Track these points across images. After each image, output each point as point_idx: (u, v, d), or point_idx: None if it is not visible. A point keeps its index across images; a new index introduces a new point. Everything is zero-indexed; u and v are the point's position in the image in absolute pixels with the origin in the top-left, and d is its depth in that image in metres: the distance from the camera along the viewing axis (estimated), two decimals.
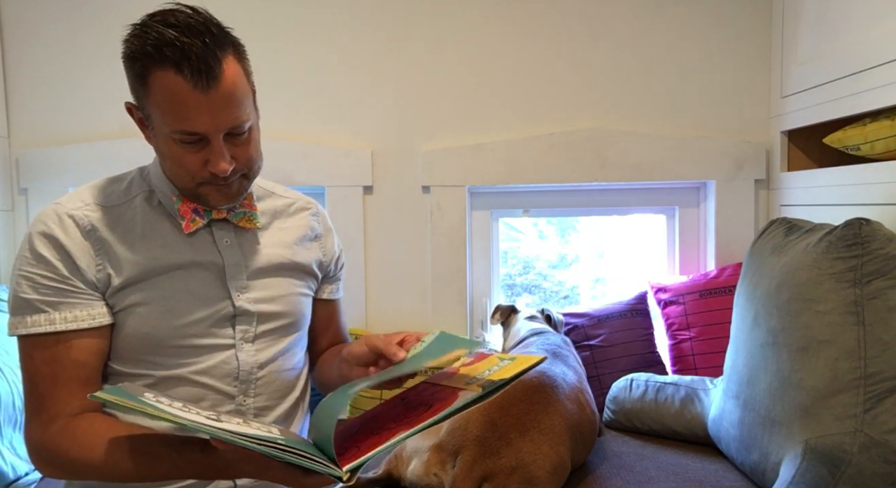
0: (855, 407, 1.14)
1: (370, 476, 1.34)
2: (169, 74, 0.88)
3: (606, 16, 1.95)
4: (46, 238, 0.95)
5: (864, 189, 1.50)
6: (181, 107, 0.90)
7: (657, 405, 1.63)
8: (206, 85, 0.89)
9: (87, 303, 0.96)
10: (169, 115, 0.91)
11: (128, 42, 0.92)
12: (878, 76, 1.45)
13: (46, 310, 0.94)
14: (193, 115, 0.91)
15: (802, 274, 1.26)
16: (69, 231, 0.96)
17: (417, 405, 0.90)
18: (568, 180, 1.96)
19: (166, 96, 0.90)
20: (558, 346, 1.57)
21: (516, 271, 2.44)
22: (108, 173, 1.10)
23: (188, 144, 0.94)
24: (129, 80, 0.95)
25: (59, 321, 0.93)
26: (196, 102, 0.90)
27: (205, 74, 0.89)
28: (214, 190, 1.00)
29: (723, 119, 1.97)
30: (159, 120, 0.93)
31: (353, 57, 1.96)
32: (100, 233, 0.98)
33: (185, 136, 0.93)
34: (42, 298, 0.94)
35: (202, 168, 0.96)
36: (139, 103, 0.96)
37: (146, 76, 0.90)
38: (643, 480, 1.37)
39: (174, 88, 0.89)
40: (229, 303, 1.04)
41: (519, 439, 1.21)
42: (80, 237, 0.96)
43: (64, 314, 0.94)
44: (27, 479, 1.44)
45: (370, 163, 1.95)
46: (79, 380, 0.95)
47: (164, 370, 1.00)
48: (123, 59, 0.93)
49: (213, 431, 0.75)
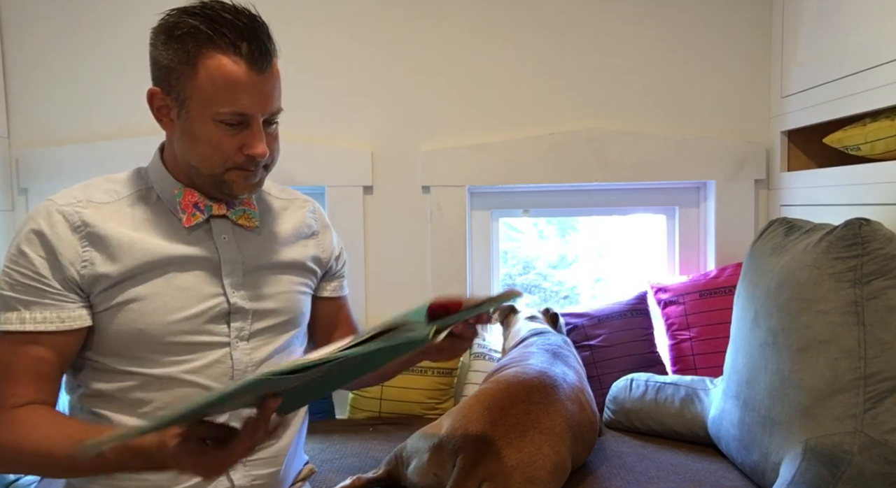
0: (855, 407, 1.14)
1: (370, 476, 1.34)
2: (226, 54, 0.93)
3: (606, 16, 1.95)
4: (33, 234, 0.95)
5: (864, 189, 1.50)
6: (235, 87, 0.94)
7: (657, 405, 1.63)
8: (261, 67, 0.95)
9: (60, 304, 0.95)
10: (221, 94, 0.94)
11: (173, 24, 0.94)
12: (878, 76, 1.45)
13: (19, 308, 0.94)
14: (246, 95, 0.95)
15: (802, 274, 1.26)
16: (56, 227, 0.96)
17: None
18: (568, 180, 1.96)
19: (221, 76, 0.93)
20: (559, 346, 1.57)
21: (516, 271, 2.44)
22: (108, 173, 1.10)
23: (230, 126, 0.96)
24: (165, 62, 0.95)
25: (29, 321, 0.94)
26: (251, 83, 0.94)
27: (262, 56, 0.94)
28: (242, 176, 1.01)
29: (723, 119, 1.97)
30: (203, 101, 0.94)
31: (353, 57, 1.96)
32: (91, 229, 0.97)
33: (232, 117, 0.95)
34: (16, 296, 0.94)
35: (237, 152, 0.98)
36: (174, 86, 0.96)
37: (197, 56, 0.93)
38: (643, 480, 1.37)
39: (230, 68, 0.93)
40: (224, 300, 1.04)
41: (519, 439, 1.21)
42: (67, 233, 0.96)
43: (34, 314, 0.94)
44: (27, 479, 1.44)
45: (370, 163, 1.95)
46: (34, 375, 0.94)
47: (156, 368, 0.99)
48: (163, 41, 0.95)
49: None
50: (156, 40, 0.97)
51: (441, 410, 1.84)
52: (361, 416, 1.86)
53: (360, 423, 1.81)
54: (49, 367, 0.96)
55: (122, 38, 1.91)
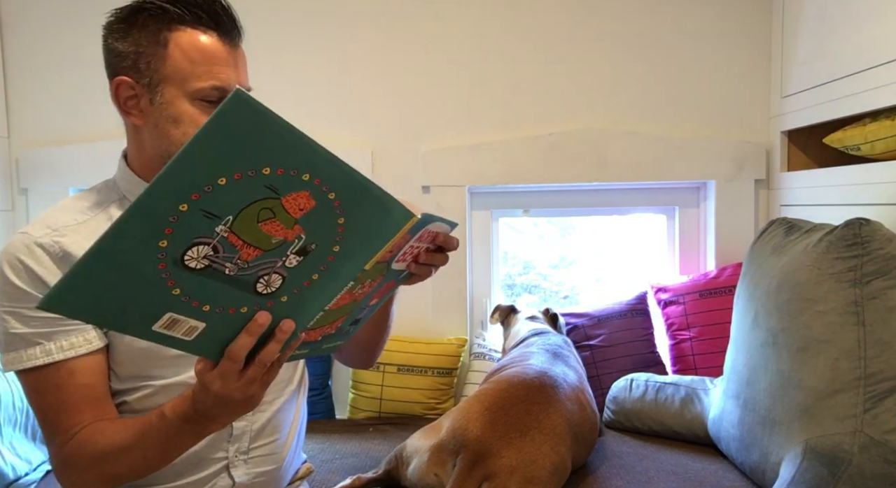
0: (855, 407, 1.14)
1: (370, 476, 1.34)
2: (198, 30, 0.92)
3: (607, 16, 1.95)
4: (21, 270, 0.92)
5: (864, 189, 1.50)
6: (211, 60, 0.93)
7: (657, 405, 1.63)
8: (234, 40, 0.95)
9: (81, 328, 0.93)
10: (199, 68, 0.92)
11: (132, 10, 0.93)
12: (878, 76, 1.45)
13: (41, 342, 0.91)
14: (222, 68, 0.94)
15: (802, 274, 1.26)
16: (42, 261, 0.92)
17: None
18: (567, 180, 1.96)
19: (197, 50, 0.92)
20: (559, 346, 1.57)
21: (516, 271, 2.44)
22: (108, 173, 1.09)
23: (209, 104, 0.94)
24: (130, 48, 0.93)
25: (56, 351, 0.91)
26: (226, 56, 0.94)
27: (233, 29, 0.95)
28: None
29: (723, 119, 1.97)
30: (179, 80, 0.92)
31: (352, 57, 1.96)
32: (73, 257, 0.93)
33: (211, 92, 0.93)
34: (34, 331, 0.91)
35: None
36: (144, 71, 0.94)
37: (167, 34, 0.92)
38: (643, 480, 1.37)
39: (205, 43, 0.92)
40: None
41: (519, 439, 1.21)
42: (53, 266, 0.93)
43: (60, 343, 0.91)
44: (27, 479, 1.44)
45: (370, 163, 1.95)
46: (87, 401, 0.93)
47: (164, 379, 0.99)
48: (123, 29, 0.93)
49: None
50: (114, 31, 0.94)
51: (441, 410, 1.84)
52: (361, 416, 1.86)
53: (360, 423, 1.81)
54: (95, 391, 0.94)
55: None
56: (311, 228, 0.70)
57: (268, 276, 0.70)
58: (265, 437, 1.07)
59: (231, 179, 0.62)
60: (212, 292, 0.68)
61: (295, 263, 0.71)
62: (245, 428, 1.04)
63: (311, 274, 0.73)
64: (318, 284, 0.74)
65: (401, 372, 1.83)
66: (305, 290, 0.74)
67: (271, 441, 1.08)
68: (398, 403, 1.83)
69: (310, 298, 0.75)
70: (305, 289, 0.74)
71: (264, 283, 0.71)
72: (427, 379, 1.83)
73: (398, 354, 1.85)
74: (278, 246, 0.69)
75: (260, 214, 0.66)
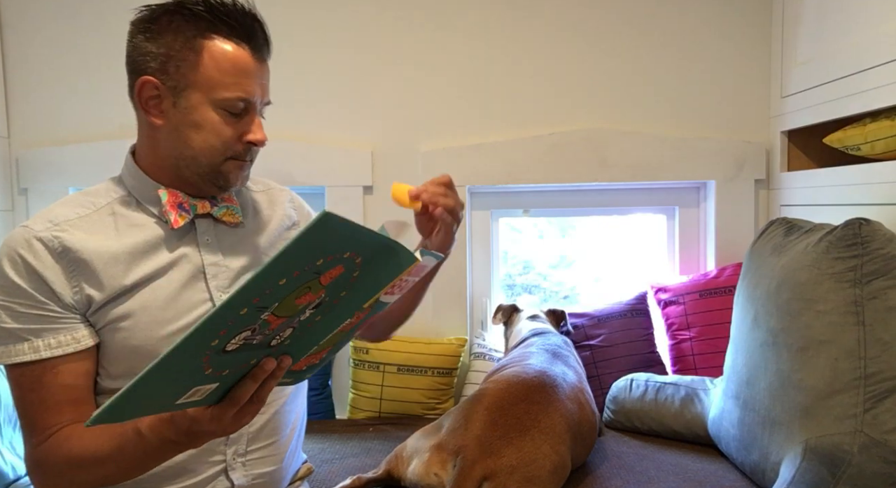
0: (855, 407, 1.14)
1: (370, 475, 1.34)
2: (230, 41, 0.95)
3: (607, 16, 1.95)
4: (19, 264, 0.92)
5: (864, 189, 1.51)
6: (241, 72, 0.95)
7: (657, 405, 1.63)
8: (263, 55, 0.99)
9: (70, 326, 0.93)
10: (227, 79, 0.94)
11: (169, 11, 0.94)
12: (878, 76, 1.45)
13: (29, 338, 0.91)
14: (250, 81, 0.96)
15: (802, 274, 1.26)
16: (40, 255, 0.93)
17: None
18: (568, 180, 1.96)
19: (228, 61, 0.94)
20: (559, 346, 1.57)
21: (516, 271, 2.44)
22: (108, 173, 1.09)
23: (232, 115, 0.97)
24: (161, 50, 0.94)
25: (44, 348, 0.92)
26: (255, 71, 0.97)
27: (263, 45, 0.98)
28: (237, 167, 1.01)
29: (723, 119, 1.97)
30: (207, 87, 0.94)
31: (353, 57, 1.96)
32: (72, 253, 0.94)
33: (235, 103, 0.96)
34: (24, 327, 0.92)
35: (237, 140, 0.99)
36: (172, 74, 0.94)
37: (202, 44, 0.93)
38: (643, 480, 1.37)
39: (237, 55, 0.95)
40: (211, 305, 1.01)
41: (519, 438, 1.21)
42: (51, 261, 0.93)
43: (48, 340, 0.92)
44: (27, 479, 1.44)
45: (370, 163, 1.95)
46: (69, 402, 0.93)
47: None
48: (155, 31, 0.94)
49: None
50: (143, 30, 0.94)
51: (441, 410, 1.84)
52: (361, 416, 1.86)
53: (359, 423, 1.81)
54: (79, 391, 0.94)
55: (123, 38, 1.90)
56: (332, 288, 0.72)
57: (283, 332, 0.73)
58: (264, 439, 1.06)
59: (290, 277, 0.64)
60: (235, 360, 0.71)
61: (308, 315, 0.73)
62: (243, 430, 1.03)
63: (315, 318, 0.75)
64: (319, 324, 0.77)
65: (401, 372, 1.83)
66: (308, 331, 0.77)
67: (270, 442, 1.07)
68: (398, 403, 1.83)
69: (310, 336, 0.78)
70: (308, 329, 0.76)
71: (279, 339, 0.74)
72: (427, 379, 1.83)
73: (398, 354, 1.85)
74: (302, 310, 0.71)
75: (298, 291, 0.68)
